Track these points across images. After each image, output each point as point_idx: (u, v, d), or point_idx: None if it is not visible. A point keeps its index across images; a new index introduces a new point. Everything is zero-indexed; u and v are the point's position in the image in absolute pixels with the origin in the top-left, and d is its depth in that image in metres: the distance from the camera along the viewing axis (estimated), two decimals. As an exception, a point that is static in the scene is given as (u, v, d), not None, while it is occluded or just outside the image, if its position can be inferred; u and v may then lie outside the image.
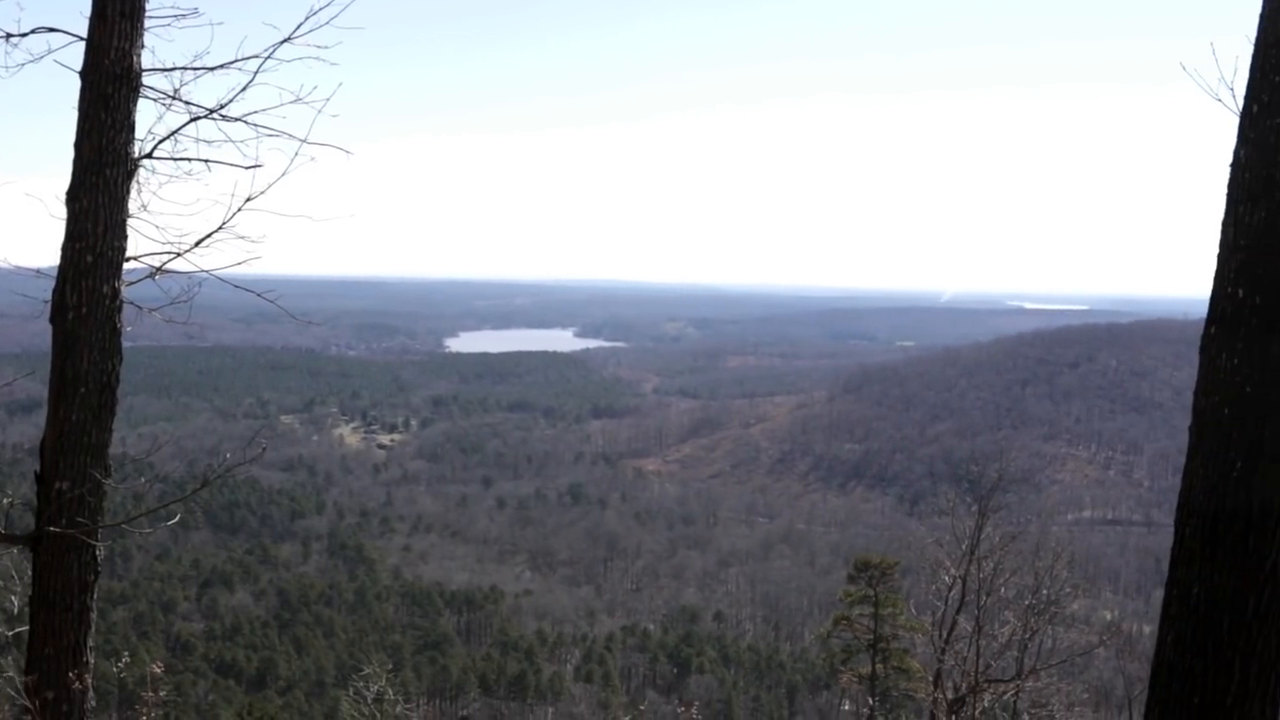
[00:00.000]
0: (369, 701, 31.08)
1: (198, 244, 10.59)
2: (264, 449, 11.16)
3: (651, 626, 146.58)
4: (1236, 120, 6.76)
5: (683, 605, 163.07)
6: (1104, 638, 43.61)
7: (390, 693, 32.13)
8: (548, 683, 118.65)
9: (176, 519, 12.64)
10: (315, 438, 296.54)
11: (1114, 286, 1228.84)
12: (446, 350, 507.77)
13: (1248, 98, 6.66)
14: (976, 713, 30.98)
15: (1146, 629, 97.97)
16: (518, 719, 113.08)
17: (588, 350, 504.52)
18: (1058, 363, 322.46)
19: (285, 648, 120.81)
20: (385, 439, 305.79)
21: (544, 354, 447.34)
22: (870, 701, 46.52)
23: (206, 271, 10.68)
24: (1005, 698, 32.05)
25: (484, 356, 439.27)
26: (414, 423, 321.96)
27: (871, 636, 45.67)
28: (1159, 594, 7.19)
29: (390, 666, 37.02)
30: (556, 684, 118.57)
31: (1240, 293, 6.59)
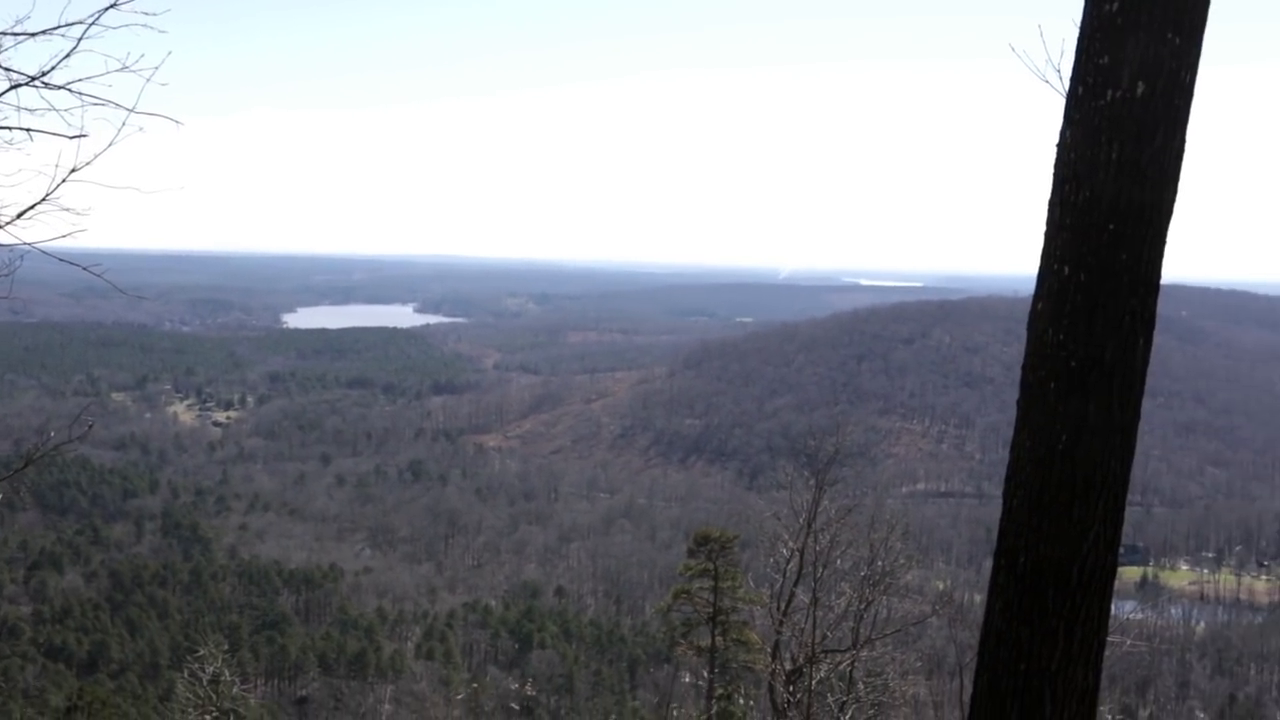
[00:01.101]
0: (205, 683, 30.54)
1: (19, 216, 10.25)
2: (91, 425, 10.85)
3: (493, 602, 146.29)
4: (1063, 102, 6.90)
5: (524, 581, 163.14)
6: (936, 607, 44.49)
7: (226, 674, 31.63)
8: (388, 661, 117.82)
9: (0, 499, 12.29)
10: (148, 415, 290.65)
11: (947, 264, 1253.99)
12: (284, 326, 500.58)
13: (1073, 80, 6.81)
14: (813, 683, 31.45)
15: (977, 598, 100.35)
16: (358, 698, 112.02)
17: (428, 326, 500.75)
18: (893, 339, 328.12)
19: (118, 630, 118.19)
20: (221, 416, 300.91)
21: (383, 330, 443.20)
22: (706, 675, 47.01)
23: (29, 244, 10.34)
24: (841, 668, 32.59)
25: (322, 332, 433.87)
26: (250, 400, 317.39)
27: (711, 609, 46.03)
28: (989, 563, 7.29)
29: (226, 647, 36.45)
30: (397, 662, 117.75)
31: (1066, 270, 6.75)
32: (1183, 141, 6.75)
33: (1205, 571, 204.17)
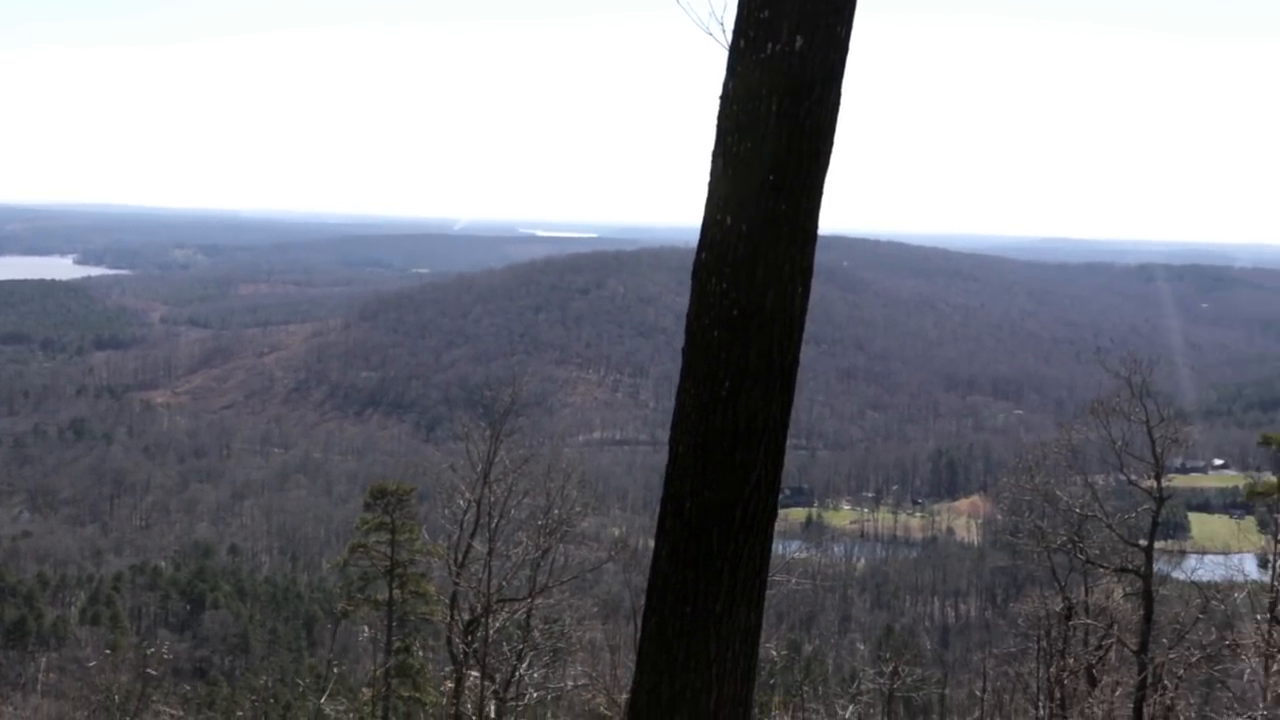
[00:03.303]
0: None
1: None
2: None
3: (163, 563, 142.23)
4: (726, 54, 7.01)
5: (195, 540, 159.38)
6: (612, 553, 45.37)
7: None
8: (50, 628, 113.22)
9: None
10: None
11: (621, 215, 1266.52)
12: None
13: (735, 33, 6.92)
14: (491, 632, 31.65)
15: (652, 543, 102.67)
16: (17, 668, 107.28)
17: (89, 279, 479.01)
18: (569, 289, 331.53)
19: None
20: None
21: (40, 282, 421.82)
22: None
23: None
24: (518, 616, 32.91)
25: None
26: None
27: (389, 563, 45.84)
28: (662, 509, 7.42)
29: None
30: (60, 629, 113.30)
31: (728, 220, 6.88)
32: (839, 95, 6.95)
33: (865, 510, 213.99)
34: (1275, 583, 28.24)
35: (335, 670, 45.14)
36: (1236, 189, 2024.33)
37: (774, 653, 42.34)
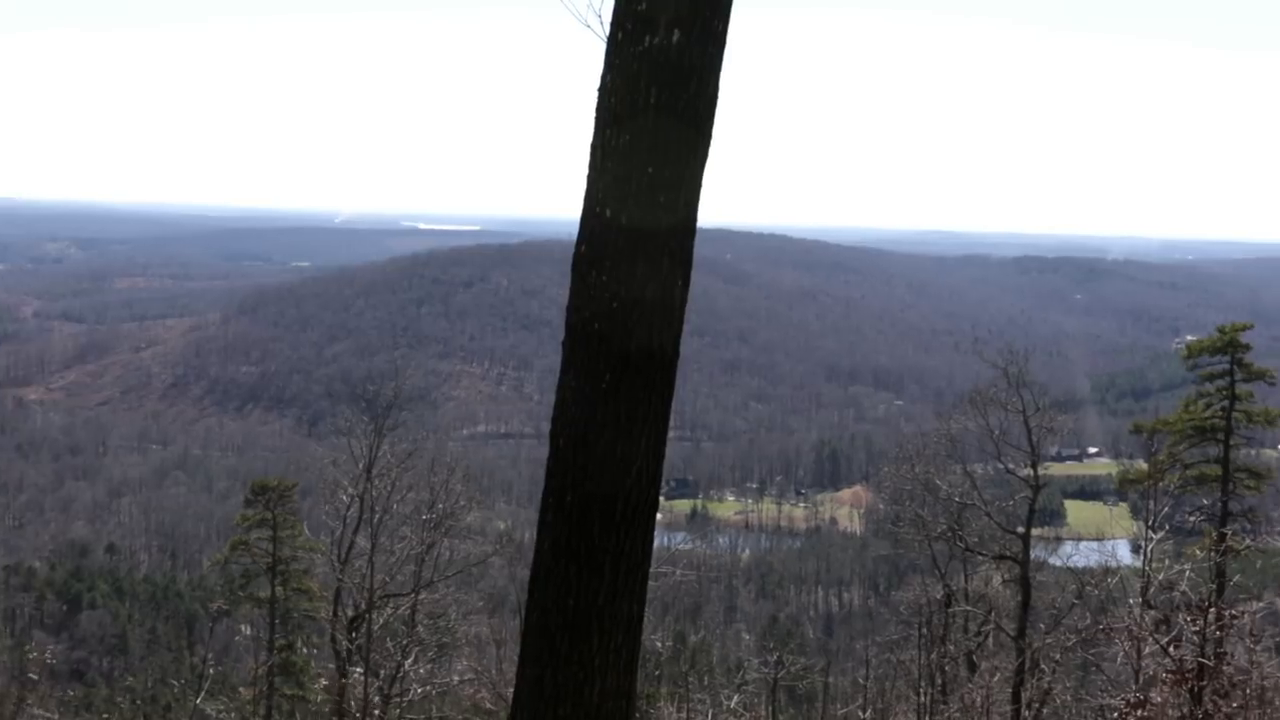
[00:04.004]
0: None
1: None
2: None
3: (38, 564, 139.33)
4: (605, 47, 7.04)
5: (71, 539, 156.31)
6: (497, 547, 45.32)
7: None
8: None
9: None
10: None
11: (505, 208, 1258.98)
12: None
13: (613, 25, 6.96)
14: (375, 628, 31.47)
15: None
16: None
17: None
18: (452, 282, 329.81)
19: None
20: None
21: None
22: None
23: None
24: (401, 611, 32.74)
25: None
26: None
27: (270, 560, 45.41)
28: (547, 503, 7.43)
29: None
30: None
31: (608, 212, 6.90)
32: (716, 88, 7.01)
33: (750, 501, 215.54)
34: (1147, 567, 28.89)
35: (211, 670, 44.50)
36: (1110, 182, 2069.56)
37: (660, 644, 42.57)
